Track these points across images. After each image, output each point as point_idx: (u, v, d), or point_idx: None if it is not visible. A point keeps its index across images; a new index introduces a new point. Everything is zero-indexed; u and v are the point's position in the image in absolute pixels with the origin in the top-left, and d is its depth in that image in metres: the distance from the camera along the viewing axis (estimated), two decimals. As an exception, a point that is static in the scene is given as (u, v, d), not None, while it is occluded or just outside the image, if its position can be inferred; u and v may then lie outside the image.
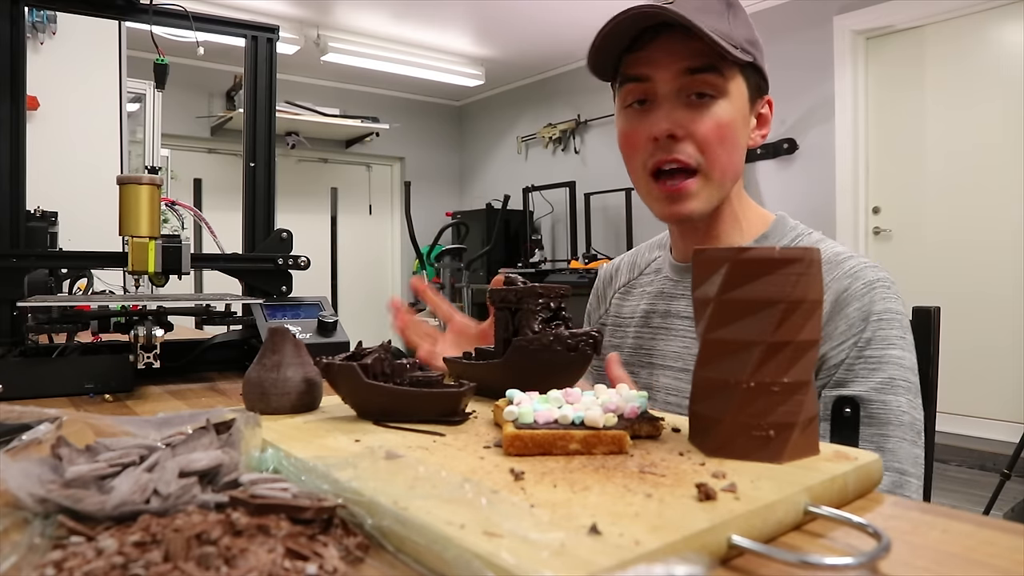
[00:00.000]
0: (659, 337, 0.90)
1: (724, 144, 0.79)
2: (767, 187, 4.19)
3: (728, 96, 0.79)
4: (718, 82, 0.78)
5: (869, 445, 0.71)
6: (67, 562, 0.31)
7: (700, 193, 0.80)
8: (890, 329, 0.75)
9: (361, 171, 6.19)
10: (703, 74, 0.77)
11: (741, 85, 0.81)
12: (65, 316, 1.02)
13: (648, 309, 0.93)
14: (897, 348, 0.75)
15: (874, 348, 0.74)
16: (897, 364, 0.74)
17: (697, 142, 0.78)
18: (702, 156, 0.78)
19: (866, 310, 0.75)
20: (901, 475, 0.72)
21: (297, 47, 4.69)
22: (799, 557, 0.33)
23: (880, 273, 0.78)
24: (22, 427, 0.56)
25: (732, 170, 0.81)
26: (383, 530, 0.36)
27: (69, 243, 2.15)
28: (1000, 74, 3.43)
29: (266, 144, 1.13)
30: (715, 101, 0.78)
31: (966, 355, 3.44)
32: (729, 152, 0.80)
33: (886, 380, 0.73)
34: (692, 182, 0.79)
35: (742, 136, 0.82)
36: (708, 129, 0.78)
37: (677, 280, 0.91)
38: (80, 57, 2.51)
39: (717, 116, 0.78)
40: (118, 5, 1.05)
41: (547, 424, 0.49)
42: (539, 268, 5.20)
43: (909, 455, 0.72)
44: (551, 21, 4.57)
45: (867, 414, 0.72)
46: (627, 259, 1.04)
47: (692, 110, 0.78)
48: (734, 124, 0.79)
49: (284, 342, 0.64)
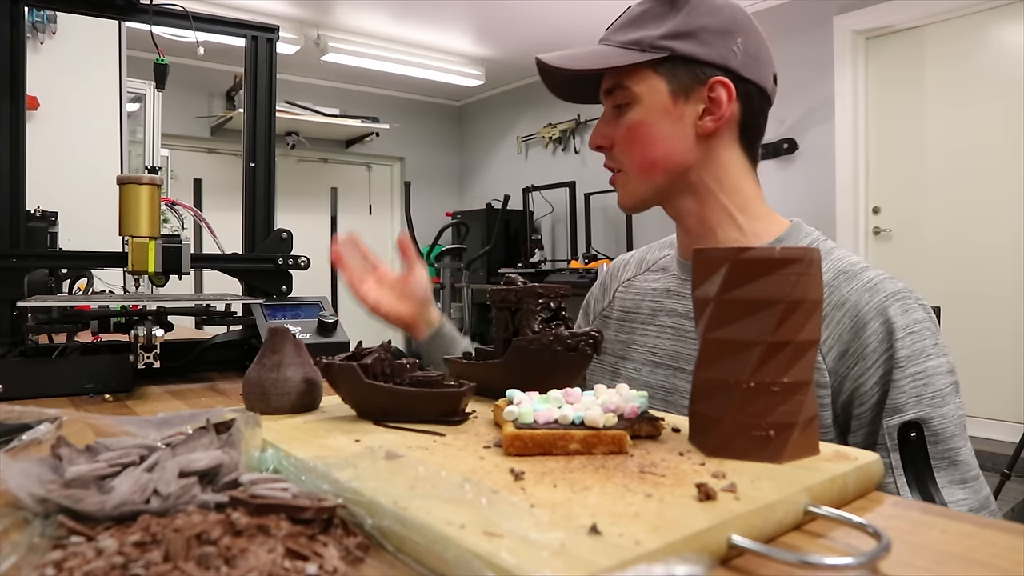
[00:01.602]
0: (664, 336, 0.90)
1: (636, 143, 0.86)
2: (767, 187, 4.11)
3: (640, 101, 0.85)
4: (627, 94, 0.85)
5: (942, 462, 0.72)
6: (67, 562, 0.31)
7: (624, 185, 0.89)
8: (923, 340, 0.75)
9: (361, 171, 6.19)
10: (614, 93, 0.87)
11: (657, 83, 0.84)
12: (65, 316, 1.02)
13: (655, 307, 0.94)
14: (934, 358, 0.75)
15: (917, 364, 0.74)
16: (940, 373, 0.75)
17: (618, 147, 0.88)
18: (622, 156, 0.88)
19: (891, 324, 0.75)
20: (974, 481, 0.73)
21: (297, 47, 4.69)
22: (799, 557, 0.33)
23: (899, 284, 0.78)
24: (22, 427, 0.56)
25: (656, 164, 0.86)
26: (383, 530, 0.36)
27: (69, 243, 2.15)
28: (1000, 74, 3.43)
29: (266, 144, 1.13)
30: (628, 108, 0.86)
31: (966, 355, 3.43)
32: (643, 149, 0.86)
33: (937, 393, 0.74)
34: (617, 176, 0.90)
35: (664, 131, 0.85)
36: (622, 133, 0.87)
37: (684, 279, 0.92)
38: (80, 57, 2.51)
39: (628, 121, 0.86)
40: (118, 5, 1.05)
41: (547, 424, 0.49)
42: (539, 268, 5.20)
43: (971, 455, 0.74)
44: (551, 21, 4.57)
45: (931, 431, 0.73)
46: (637, 255, 1.06)
47: (615, 121, 0.88)
48: (646, 123, 0.85)
49: (284, 342, 0.64)
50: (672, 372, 0.88)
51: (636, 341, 0.94)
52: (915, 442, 0.72)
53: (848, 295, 0.77)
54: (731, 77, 0.83)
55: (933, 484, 0.70)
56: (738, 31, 0.84)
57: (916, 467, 0.71)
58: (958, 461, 0.72)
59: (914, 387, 0.73)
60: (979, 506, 0.71)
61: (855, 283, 0.78)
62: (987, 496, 0.73)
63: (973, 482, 0.72)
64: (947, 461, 0.72)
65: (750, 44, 0.84)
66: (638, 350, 0.93)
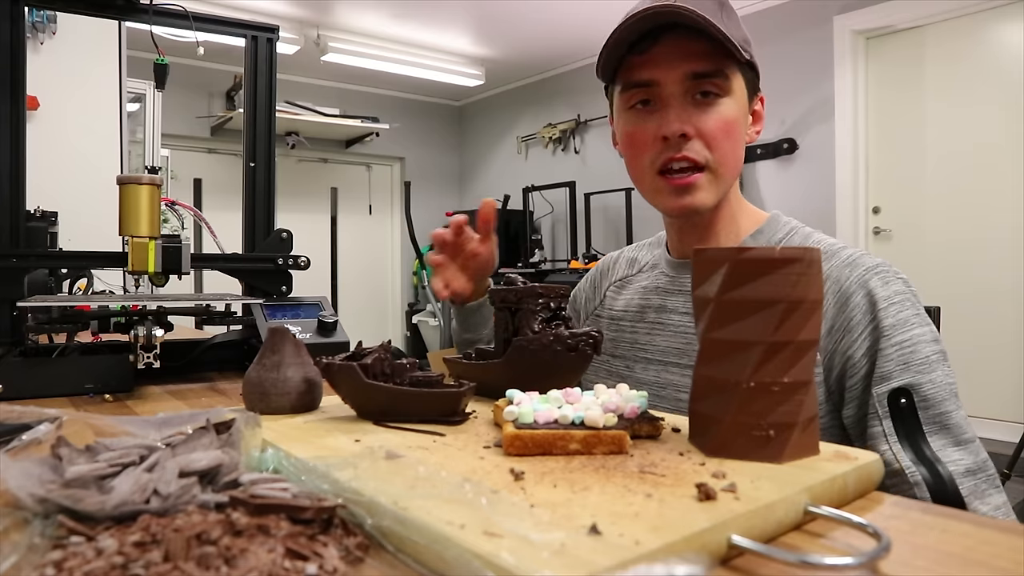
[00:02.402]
0: (655, 332, 0.91)
1: (730, 140, 0.82)
2: (767, 187, 4.19)
3: (732, 94, 0.81)
4: (723, 83, 0.80)
5: (934, 426, 0.72)
6: (67, 562, 0.31)
7: (708, 187, 0.82)
8: (905, 311, 0.76)
9: (361, 171, 6.19)
10: (709, 78, 0.80)
11: (741, 83, 0.83)
12: (65, 316, 1.02)
13: (643, 304, 0.94)
14: (918, 327, 0.76)
15: (903, 332, 0.75)
16: (925, 341, 0.75)
17: (706, 140, 0.81)
18: (710, 153, 0.81)
19: (872, 295, 0.76)
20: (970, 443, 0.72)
21: (297, 47, 4.69)
22: (799, 557, 0.33)
23: (876, 259, 0.80)
24: (22, 427, 0.56)
25: (736, 166, 0.84)
26: (383, 530, 0.36)
27: (69, 243, 2.15)
28: (1000, 74, 3.43)
29: (266, 144, 1.13)
30: (720, 99, 0.81)
31: (966, 355, 3.44)
32: (734, 148, 0.83)
33: (924, 360, 0.74)
34: (700, 176, 0.82)
35: (743, 133, 0.85)
36: (716, 127, 0.80)
37: (673, 276, 0.92)
38: (80, 57, 2.51)
39: (723, 114, 0.81)
40: (118, 5, 1.05)
41: (547, 424, 0.49)
42: (539, 268, 5.20)
43: (964, 420, 0.74)
44: (551, 21, 4.57)
45: (920, 397, 0.73)
46: (627, 254, 1.05)
47: (699, 108, 0.81)
48: (738, 121, 0.83)
49: (284, 342, 0.64)
50: (663, 367, 0.89)
51: (626, 339, 0.95)
52: (905, 408, 0.73)
53: (830, 272, 0.79)
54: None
55: (928, 447, 0.71)
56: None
57: (909, 432, 0.72)
58: (950, 424, 0.72)
59: (900, 355, 0.74)
60: (977, 468, 0.71)
61: (835, 260, 0.80)
62: (985, 459, 0.72)
63: (969, 444, 0.72)
64: (938, 425, 0.72)
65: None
66: (628, 347, 0.94)
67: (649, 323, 0.92)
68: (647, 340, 0.92)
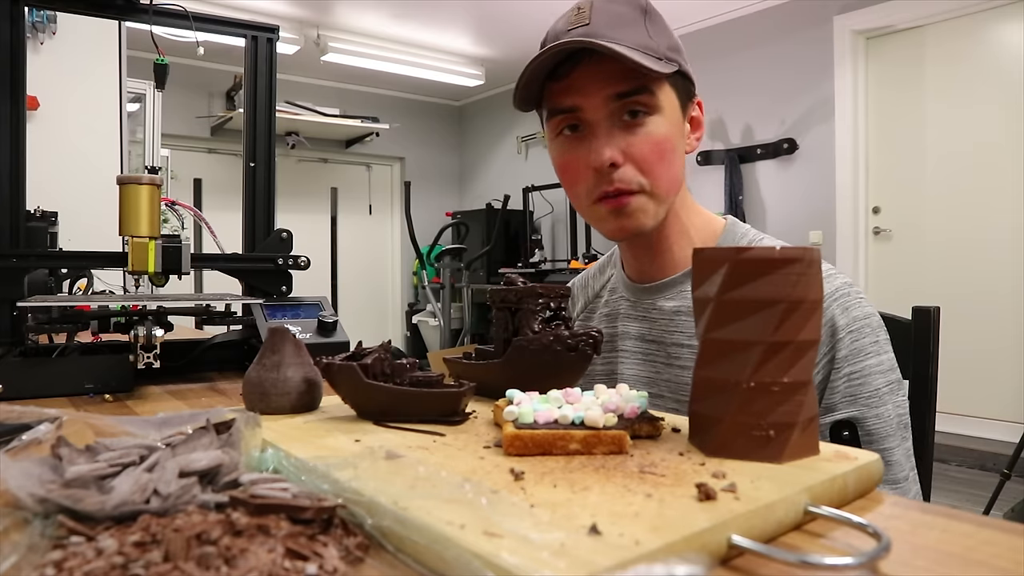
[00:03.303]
0: (623, 360, 0.90)
1: (663, 161, 0.77)
2: (767, 187, 4.19)
3: (661, 111, 0.77)
4: (649, 100, 0.76)
5: None
6: (67, 562, 0.31)
7: (646, 208, 0.79)
8: (862, 339, 0.75)
9: (361, 171, 6.19)
10: (632, 97, 0.76)
11: (671, 95, 0.79)
12: (65, 316, 1.02)
13: (611, 333, 0.92)
14: (873, 356, 0.75)
15: (853, 363, 0.74)
16: (878, 372, 0.75)
17: (637, 164, 0.77)
18: (644, 177, 0.77)
19: (832, 324, 0.75)
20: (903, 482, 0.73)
21: (297, 47, 4.68)
22: (799, 557, 0.33)
23: (838, 280, 0.77)
24: (22, 427, 0.56)
25: (673, 183, 0.80)
26: (383, 530, 0.36)
27: (69, 243, 2.15)
28: (1000, 74, 3.43)
29: (266, 144, 1.13)
30: (648, 118, 0.77)
31: (966, 355, 3.44)
32: (668, 167, 0.78)
33: (873, 393, 0.74)
34: (636, 198, 0.78)
35: (680, 147, 0.81)
36: (646, 150, 0.77)
37: (634, 301, 0.90)
38: (80, 57, 2.51)
39: (653, 135, 0.77)
40: (118, 5, 1.05)
41: (547, 424, 0.49)
42: (539, 268, 5.20)
43: (905, 456, 0.74)
44: (551, 21, 4.55)
45: (864, 431, 0.73)
46: (578, 283, 1.02)
47: (628, 131, 0.77)
48: (670, 138, 0.78)
49: (284, 342, 0.64)
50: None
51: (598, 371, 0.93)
52: (847, 440, 0.73)
53: None
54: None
55: None
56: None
57: None
58: (891, 462, 0.73)
59: (849, 387, 0.74)
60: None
61: None
62: (915, 494, 0.73)
63: (903, 483, 0.73)
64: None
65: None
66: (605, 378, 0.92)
67: (619, 351, 0.91)
68: (623, 370, 0.90)
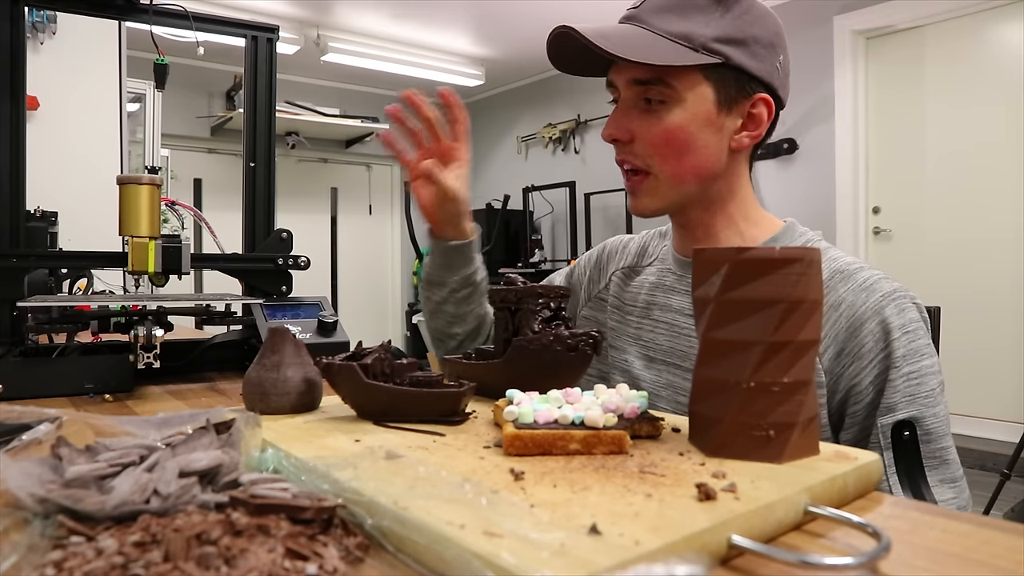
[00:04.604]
0: (659, 331, 0.90)
1: (671, 147, 0.80)
2: (767, 187, 4.19)
3: (682, 103, 0.79)
4: (667, 92, 0.79)
5: (933, 461, 0.73)
6: (67, 562, 0.31)
7: (653, 191, 0.83)
8: (918, 340, 0.76)
9: (361, 171, 6.19)
10: (649, 86, 0.79)
11: (702, 87, 0.79)
12: (65, 316, 1.02)
13: (649, 300, 0.93)
14: (928, 357, 0.76)
15: (912, 363, 0.75)
16: (931, 373, 0.75)
17: (646, 146, 0.81)
18: (652, 159, 0.81)
19: (887, 324, 0.75)
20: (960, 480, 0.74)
21: (297, 47, 4.69)
22: (799, 557, 0.33)
23: (894, 283, 0.78)
24: (22, 427, 0.56)
25: (688, 172, 0.81)
26: (383, 530, 0.36)
27: (69, 243, 2.15)
28: (1000, 74, 3.43)
29: (266, 144, 1.13)
30: (667, 107, 0.79)
31: (966, 355, 3.44)
32: (680, 156, 0.80)
33: (929, 392, 0.74)
34: (641, 180, 0.83)
35: (703, 140, 0.80)
36: (655, 135, 0.80)
37: (680, 275, 0.91)
38: (80, 57, 2.51)
39: (666, 122, 0.79)
40: (118, 5, 1.05)
41: (547, 424, 0.49)
42: (539, 268, 5.20)
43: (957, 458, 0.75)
44: (551, 21, 4.52)
45: (923, 431, 0.73)
46: (638, 241, 1.03)
47: (643, 115, 0.81)
48: (685, 129, 0.79)
49: (284, 342, 0.64)
50: (667, 368, 0.88)
51: (629, 333, 0.93)
52: (908, 441, 0.73)
53: (844, 295, 0.78)
54: (771, 94, 0.82)
55: (924, 483, 0.71)
56: (780, 46, 0.82)
57: (908, 466, 0.72)
58: (948, 460, 0.73)
59: (908, 386, 0.74)
60: (964, 505, 0.73)
61: (851, 283, 0.78)
62: (969, 496, 0.74)
63: (960, 481, 0.74)
64: (938, 460, 0.73)
65: (787, 62, 0.84)
66: (631, 341, 0.93)
67: (654, 320, 0.91)
68: (651, 337, 0.90)
